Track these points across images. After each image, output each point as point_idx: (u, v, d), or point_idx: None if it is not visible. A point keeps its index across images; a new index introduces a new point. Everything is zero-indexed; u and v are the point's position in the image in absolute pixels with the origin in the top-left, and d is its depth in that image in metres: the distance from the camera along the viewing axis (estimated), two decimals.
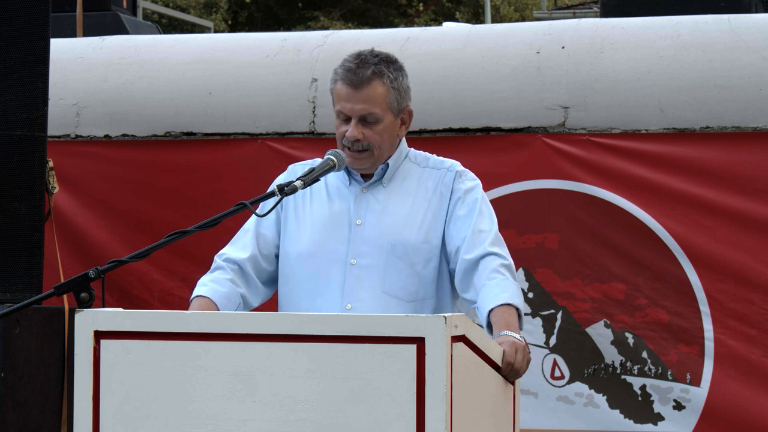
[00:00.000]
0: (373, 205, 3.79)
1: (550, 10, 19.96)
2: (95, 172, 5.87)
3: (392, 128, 3.80)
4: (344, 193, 3.83)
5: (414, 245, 3.74)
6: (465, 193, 3.81)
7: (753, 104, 5.25)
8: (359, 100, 3.73)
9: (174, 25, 21.51)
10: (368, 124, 3.75)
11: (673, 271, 5.26)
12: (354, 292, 3.72)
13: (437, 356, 2.97)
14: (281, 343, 3.06)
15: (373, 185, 3.82)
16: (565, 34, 5.57)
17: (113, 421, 3.14)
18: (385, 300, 3.71)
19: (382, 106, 3.75)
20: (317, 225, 3.80)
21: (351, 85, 3.74)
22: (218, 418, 3.09)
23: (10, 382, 5.20)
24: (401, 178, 3.84)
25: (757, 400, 5.16)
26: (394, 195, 3.81)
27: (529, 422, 5.27)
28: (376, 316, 3.22)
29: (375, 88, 3.74)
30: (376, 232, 3.75)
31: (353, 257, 3.74)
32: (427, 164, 3.88)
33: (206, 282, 3.79)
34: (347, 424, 3.02)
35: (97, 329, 3.17)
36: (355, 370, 3.01)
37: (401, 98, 3.80)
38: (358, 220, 3.78)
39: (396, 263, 3.73)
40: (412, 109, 3.86)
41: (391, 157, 3.83)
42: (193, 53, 5.94)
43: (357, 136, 3.74)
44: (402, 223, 3.76)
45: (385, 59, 3.80)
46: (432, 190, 3.81)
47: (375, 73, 3.74)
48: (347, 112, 3.75)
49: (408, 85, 3.84)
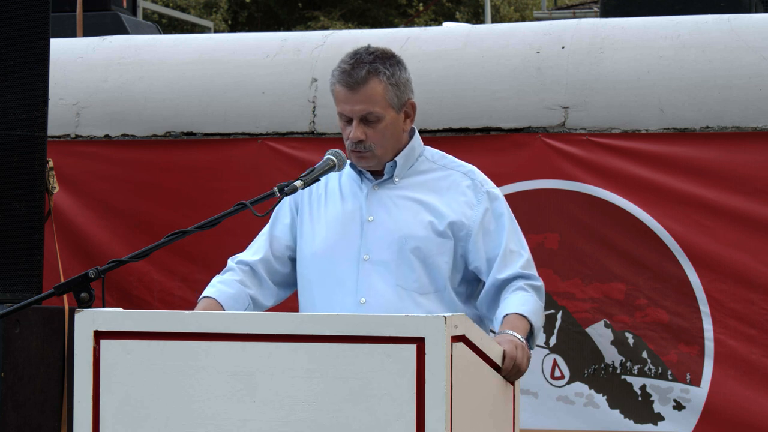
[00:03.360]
0: (384, 201, 3.80)
1: (550, 10, 19.96)
2: (95, 172, 5.87)
3: (395, 124, 3.79)
4: (356, 192, 3.84)
5: (425, 239, 3.73)
6: (492, 202, 3.83)
7: (753, 104, 5.25)
8: (357, 101, 3.73)
9: (174, 25, 21.52)
10: (370, 123, 3.74)
11: (673, 271, 5.26)
12: (368, 287, 3.72)
13: (437, 356, 2.97)
14: (281, 343, 3.06)
15: (384, 182, 3.83)
16: (565, 34, 5.57)
17: (113, 421, 3.14)
18: (399, 293, 3.71)
19: (381, 104, 3.74)
20: (330, 224, 3.81)
21: (348, 87, 3.73)
22: (218, 418, 3.09)
23: (10, 382, 5.20)
24: (415, 174, 3.85)
25: (757, 400, 5.16)
26: (406, 191, 3.81)
27: (529, 422, 5.27)
28: (376, 316, 3.22)
29: (372, 87, 3.72)
30: (387, 228, 3.76)
31: (366, 253, 3.75)
32: (445, 163, 3.89)
33: (214, 283, 3.81)
34: (347, 424, 3.02)
35: (97, 329, 3.17)
36: (355, 370, 3.01)
37: (401, 93, 3.79)
38: (370, 217, 3.78)
39: (408, 257, 3.73)
40: (415, 102, 3.86)
41: (400, 153, 3.84)
42: (193, 53, 5.94)
43: (360, 137, 3.74)
44: (413, 218, 3.76)
45: (381, 55, 3.77)
46: (447, 188, 3.82)
47: (371, 72, 3.73)
48: (347, 113, 3.75)
49: (408, 77, 3.83)
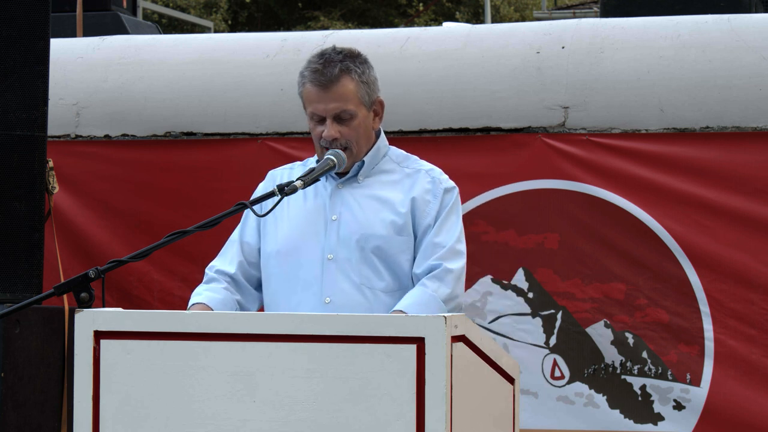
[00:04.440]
0: (348, 201, 3.83)
1: (550, 10, 19.97)
2: (95, 172, 5.86)
3: (367, 122, 3.84)
4: (320, 190, 3.87)
5: (386, 238, 3.77)
6: (443, 198, 3.84)
7: (753, 104, 5.25)
8: (331, 99, 3.77)
9: (174, 25, 21.52)
10: (343, 121, 3.79)
11: (673, 271, 5.26)
12: (332, 286, 3.75)
13: (437, 356, 2.97)
14: (281, 343, 3.07)
15: (348, 181, 3.85)
16: (565, 34, 5.57)
17: (113, 421, 3.14)
18: (363, 292, 3.75)
19: (354, 102, 3.78)
20: (293, 223, 3.84)
21: (320, 86, 3.77)
22: (218, 418, 3.09)
23: (10, 382, 5.20)
24: (378, 173, 3.88)
25: (757, 400, 5.16)
26: (369, 190, 3.84)
27: (529, 422, 5.27)
28: (376, 316, 3.22)
29: (345, 85, 3.77)
30: (351, 227, 3.79)
31: (330, 252, 3.78)
32: (408, 164, 3.91)
33: (201, 291, 3.85)
34: (347, 424, 3.02)
35: (97, 329, 3.17)
36: (355, 370, 3.02)
37: (371, 91, 3.84)
38: (334, 216, 3.81)
39: (371, 256, 3.76)
40: (382, 100, 3.90)
41: (368, 153, 3.86)
42: (193, 53, 5.94)
43: (334, 135, 3.77)
44: (376, 217, 3.79)
45: (349, 54, 3.83)
46: (409, 187, 3.84)
47: (342, 70, 3.77)
48: (320, 113, 3.79)
49: (375, 76, 3.88)
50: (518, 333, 5.38)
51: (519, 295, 5.38)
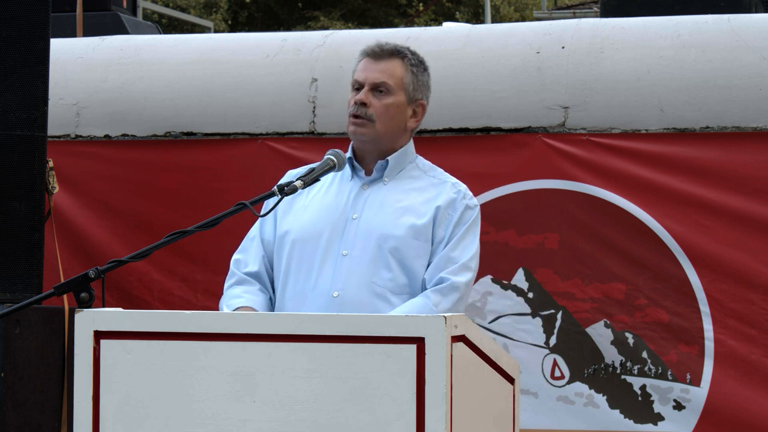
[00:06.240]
0: (371, 202, 3.84)
1: (550, 10, 19.97)
2: (95, 172, 5.86)
3: (401, 110, 3.86)
4: (345, 186, 3.87)
5: (404, 240, 3.77)
6: (463, 213, 3.86)
7: (753, 104, 5.25)
8: (376, 70, 3.85)
9: (174, 25, 21.51)
10: (378, 94, 3.83)
11: (673, 271, 5.26)
12: (343, 281, 3.77)
13: (437, 356, 2.97)
14: (281, 343, 3.07)
15: (374, 182, 3.86)
16: (565, 34, 5.57)
17: (113, 421, 3.14)
18: (373, 291, 3.76)
19: (396, 81, 3.84)
20: (315, 215, 3.86)
21: (372, 56, 3.87)
22: (218, 418, 3.09)
23: (10, 382, 5.20)
24: (405, 178, 3.88)
25: (757, 400, 5.16)
26: (393, 193, 3.85)
27: (529, 422, 5.27)
28: (376, 316, 3.22)
29: (394, 64, 3.86)
30: (370, 226, 3.80)
31: (345, 248, 3.78)
32: (434, 174, 3.95)
33: (240, 294, 3.86)
34: (347, 424, 3.02)
35: (97, 329, 3.17)
36: (355, 370, 3.02)
37: (417, 87, 3.89)
38: (354, 215, 3.82)
39: (386, 257, 3.77)
40: (426, 105, 3.94)
41: (395, 153, 3.87)
42: (193, 53, 5.94)
43: (363, 99, 3.82)
44: (396, 219, 3.80)
45: (412, 50, 3.94)
46: (435, 196, 3.85)
47: (398, 51, 3.88)
48: (361, 79, 3.86)
49: (427, 83, 3.96)
50: (518, 333, 5.38)
51: (519, 295, 5.38)
